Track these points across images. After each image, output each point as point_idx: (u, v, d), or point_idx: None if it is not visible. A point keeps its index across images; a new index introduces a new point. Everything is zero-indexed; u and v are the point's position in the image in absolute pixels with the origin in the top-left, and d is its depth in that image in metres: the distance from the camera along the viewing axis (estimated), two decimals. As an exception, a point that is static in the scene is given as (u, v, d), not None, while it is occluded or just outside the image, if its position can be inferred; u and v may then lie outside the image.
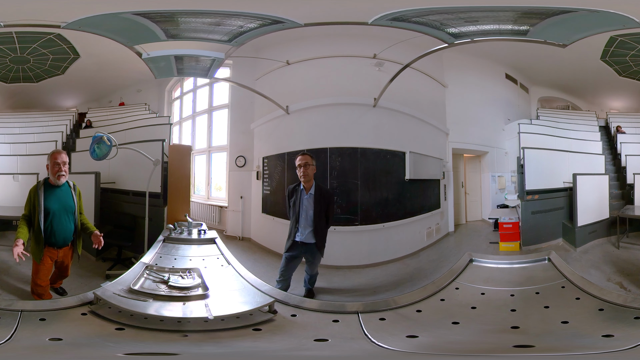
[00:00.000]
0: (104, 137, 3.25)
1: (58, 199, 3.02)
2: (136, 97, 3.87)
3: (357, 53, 3.52)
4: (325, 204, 3.23)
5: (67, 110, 3.89)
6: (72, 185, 3.12)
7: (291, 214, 3.27)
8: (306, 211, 3.19)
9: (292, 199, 3.28)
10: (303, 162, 3.20)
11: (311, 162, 3.21)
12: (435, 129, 3.76)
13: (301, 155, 3.25)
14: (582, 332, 2.34)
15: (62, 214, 3.01)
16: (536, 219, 3.47)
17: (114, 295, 2.59)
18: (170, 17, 3.02)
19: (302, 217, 3.19)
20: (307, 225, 3.19)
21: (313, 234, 3.17)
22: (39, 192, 2.98)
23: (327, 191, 3.34)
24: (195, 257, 3.20)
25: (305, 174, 3.19)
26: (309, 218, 3.19)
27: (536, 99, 3.93)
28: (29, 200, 3.02)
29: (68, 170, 3.09)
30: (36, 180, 3.20)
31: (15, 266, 3.19)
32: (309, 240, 3.18)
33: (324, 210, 3.22)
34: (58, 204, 3.01)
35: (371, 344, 2.31)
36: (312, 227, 3.17)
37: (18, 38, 3.39)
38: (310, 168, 3.20)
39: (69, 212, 3.04)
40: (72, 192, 3.09)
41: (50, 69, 3.64)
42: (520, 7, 2.79)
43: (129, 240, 3.53)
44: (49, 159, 3.05)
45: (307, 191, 3.21)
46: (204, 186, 4.11)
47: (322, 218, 3.21)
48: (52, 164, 3.02)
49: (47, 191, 3.02)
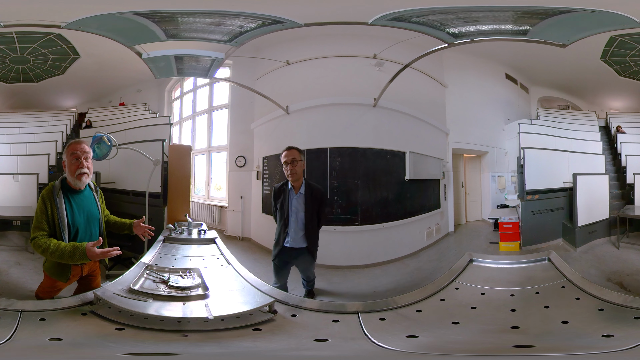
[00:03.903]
0: (104, 137, 3.24)
1: (82, 208, 2.43)
2: (136, 97, 3.87)
3: (357, 53, 3.52)
4: (317, 203, 2.99)
5: (67, 110, 3.89)
6: (93, 187, 2.58)
7: (278, 217, 3.01)
8: (296, 213, 2.93)
9: (279, 200, 2.99)
10: (290, 158, 2.92)
11: (299, 158, 2.94)
12: (435, 129, 3.76)
13: (287, 151, 2.95)
14: (582, 332, 2.34)
15: (89, 228, 2.48)
16: (536, 219, 3.47)
17: (114, 295, 2.59)
18: (170, 17, 3.01)
19: (292, 220, 2.93)
20: (298, 228, 2.94)
21: (305, 237, 2.93)
22: (57, 201, 2.31)
23: (319, 189, 3.11)
24: (195, 257, 3.20)
25: (293, 172, 2.90)
26: (299, 221, 2.93)
27: (536, 99, 3.92)
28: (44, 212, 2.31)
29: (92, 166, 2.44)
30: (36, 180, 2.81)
31: (16, 266, 3.18)
32: (299, 244, 2.94)
33: (316, 211, 2.98)
34: (83, 216, 2.42)
35: (371, 344, 2.31)
36: (303, 231, 2.92)
37: (18, 38, 3.38)
38: (298, 164, 2.92)
39: (95, 223, 2.53)
40: (94, 195, 2.55)
41: (50, 69, 3.64)
42: (520, 7, 2.79)
43: (129, 240, 3.52)
44: (66, 152, 2.39)
45: (296, 190, 2.95)
46: (204, 186, 4.10)
47: (314, 219, 2.98)
48: (70, 158, 2.36)
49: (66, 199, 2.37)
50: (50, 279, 2.55)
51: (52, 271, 2.51)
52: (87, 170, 2.40)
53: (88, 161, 2.42)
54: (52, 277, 2.53)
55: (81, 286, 2.69)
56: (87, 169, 2.40)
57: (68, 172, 2.40)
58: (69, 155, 2.40)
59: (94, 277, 2.71)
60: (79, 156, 2.39)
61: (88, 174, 2.41)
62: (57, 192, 2.36)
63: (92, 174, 2.42)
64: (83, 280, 2.68)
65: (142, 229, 2.59)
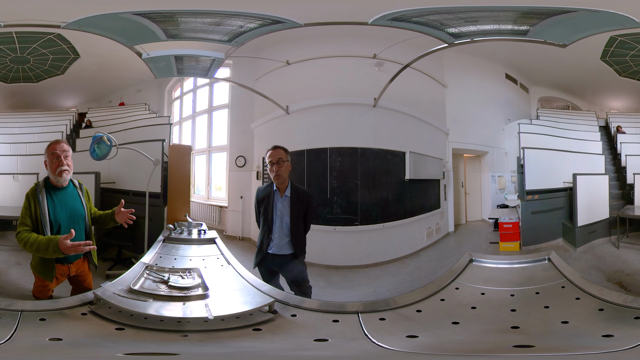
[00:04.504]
0: (104, 137, 3.24)
1: (64, 205, 2.53)
2: (136, 97, 3.87)
3: (357, 53, 3.52)
4: (304, 207, 2.83)
5: (67, 110, 3.89)
6: (77, 184, 2.66)
7: (262, 222, 2.85)
8: (281, 217, 2.77)
9: (262, 203, 2.83)
10: (275, 158, 2.75)
11: (285, 158, 2.78)
12: (435, 129, 3.76)
13: (272, 150, 2.78)
14: (582, 332, 2.34)
15: (72, 224, 2.52)
16: (536, 219, 3.47)
17: (114, 295, 2.59)
18: (170, 17, 3.01)
19: (277, 224, 2.77)
20: (283, 234, 2.77)
21: (291, 244, 2.78)
22: (39, 198, 2.43)
23: (306, 192, 2.97)
24: (195, 257, 3.20)
25: (278, 174, 2.73)
26: (284, 226, 2.77)
27: (536, 99, 3.92)
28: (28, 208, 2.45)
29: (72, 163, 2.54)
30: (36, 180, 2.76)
31: (16, 266, 3.18)
32: (284, 251, 2.79)
33: (302, 216, 2.82)
34: (65, 212, 2.51)
35: (371, 344, 2.31)
36: (289, 237, 2.76)
37: (18, 38, 3.38)
38: (284, 165, 2.75)
39: (79, 220, 2.58)
40: (79, 193, 2.63)
41: (50, 69, 3.64)
42: (520, 7, 2.80)
43: (129, 240, 3.53)
44: (46, 152, 2.52)
45: (281, 193, 2.79)
46: (204, 186, 4.10)
47: (301, 224, 2.81)
48: (51, 158, 2.48)
49: (49, 196, 2.48)
50: (39, 277, 2.59)
51: (38, 269, 2.55)
52: (67, 167, 2.48)
53: (68, 159, 2.50)
54: (38, 275, 2.56)
55: (75, 287, 2.73)
56: (67, 166, 2.48)
57: (49, 170, 2.49)
58: (50, 154, 2.49)
59: (83, 278, 2.73)
60: (59, 155, 2.47)
61: (68, 171, 2.49)
62: (40, 190, 2.47)
63: (72, 171, 2.50)
64: (74, 281, 2.71)
65: (124, 214, 2.56)
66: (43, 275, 2.55)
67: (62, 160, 2.48)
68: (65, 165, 2.48)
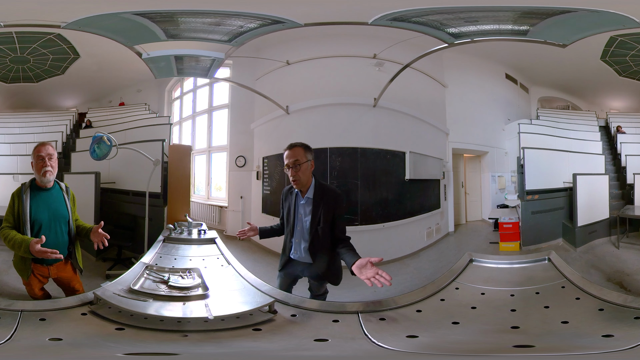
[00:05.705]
0: (104, 137, 3.24)
1: (47, 205, 2.58)
2: (136, 97, 3.87)
3: (357, 53, 3.52)
4: (331, 209, 2.49)
5: (67, 110, 3.89)
6: (64, 187, 2.72)
7: (286, 224, 2.69)
8: (301, 221, 2.58)
9: (286, 203, 2.68)
10: (291, 161, 2.46)
11: (304, 158, 2.47)
12: (435, 129, 3.76)
13: (289, 150, 2.50)
14: (582, 332, 2.34)
15: (53, 224, 2.59)
16: (536, 219, 3.47)
17: (114, 295, 2.59)
18: (170, 17, 3.01)
19: (297, 228, 2.58)
20: (303, 239, 2.59)
21: (309, 251, 2.57)
22: (23, 197, 2.51)
23: (332, 191, 2.61)
24: (195, 257, 3.20)
25: (296, 180, 2.46)
26: (305, 230, 2.56)
27: (536, 99, 3.92)
28: (11, 206, 2.54)
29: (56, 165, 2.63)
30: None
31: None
32: (304, 259, 2.62)
33: (329, 220, 2.49)
34: (47, 212, 2.57)
35: (371, 344, 2.31)
36: (307, 243, 2.56)
37: (18, 38, 3.39)
38: (302, 168, 2.44)
39: (61, 222, 2.62)
40: (64, 195, 2.68)
41: (50, 69, 3.64)
42: (520, 7, 2.80)
43: (129, 240, 3.53)
44: (32, 154, 2.62)
45: (303, 194, 2.58)
46: (204, 186, 4.11)
47: (327, 231, 2.49)
48: (36, 159, 2.58)
49: (33, 196, 2.55)
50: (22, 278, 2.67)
51: (16, 266, 2.64)
52: (50, 168, 2.58)
53: (52, 161, 2.61)
54: (17, 271, 2.63)
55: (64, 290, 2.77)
56: (50, 167, 2.58)
57: (35, 171, 2.60)
58: (35, 156, 2.61)
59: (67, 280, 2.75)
60: (44, 157, 2.59)
61: (52, 172, 2.59)
62: (25, 190, 2.57)
63: (55, 172, 2.60)
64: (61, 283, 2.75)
65: (99, 236, 2.54)
66: (19, 272, 2.63)
67: (47, 162, 2.58)
68: (49, 166, 2.58)
